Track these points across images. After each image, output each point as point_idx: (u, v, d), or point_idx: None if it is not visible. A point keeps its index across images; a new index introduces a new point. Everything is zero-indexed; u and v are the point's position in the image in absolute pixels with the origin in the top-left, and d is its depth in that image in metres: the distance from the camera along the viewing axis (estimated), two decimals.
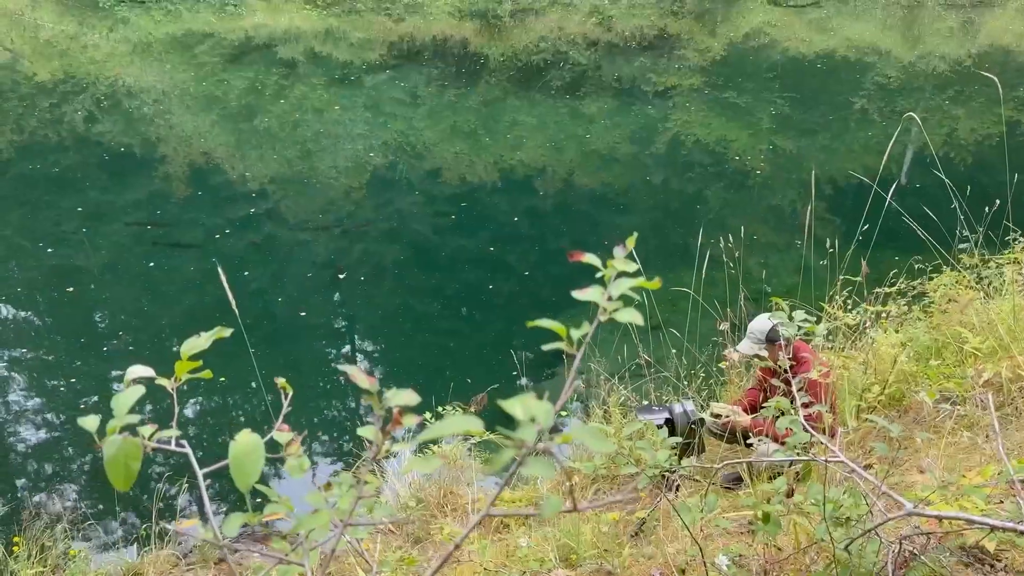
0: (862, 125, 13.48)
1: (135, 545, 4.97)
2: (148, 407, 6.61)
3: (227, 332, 1.32)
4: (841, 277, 5.13)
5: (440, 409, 5.16)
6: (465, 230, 9.94)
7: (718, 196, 10.99)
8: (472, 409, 5.27)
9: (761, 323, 4.12)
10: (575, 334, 1.14)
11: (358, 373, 1.12)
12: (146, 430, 1.17)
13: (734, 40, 18.94)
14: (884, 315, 5.18)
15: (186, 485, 5.59)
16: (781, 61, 17.46)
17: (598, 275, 1.22)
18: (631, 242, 1.20)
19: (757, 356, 4.21)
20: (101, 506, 5.45)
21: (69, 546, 4.67)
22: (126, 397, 1.19)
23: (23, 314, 8.11)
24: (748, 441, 4.19)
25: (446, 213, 10.35)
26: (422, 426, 1.02)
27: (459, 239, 9.71)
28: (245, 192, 10.54)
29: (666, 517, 3.48)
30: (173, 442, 1.22)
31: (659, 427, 3.30)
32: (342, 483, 1.25)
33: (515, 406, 0.96)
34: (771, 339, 4.04)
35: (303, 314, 7.87)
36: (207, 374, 1.31)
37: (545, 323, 1.16)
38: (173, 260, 8.77)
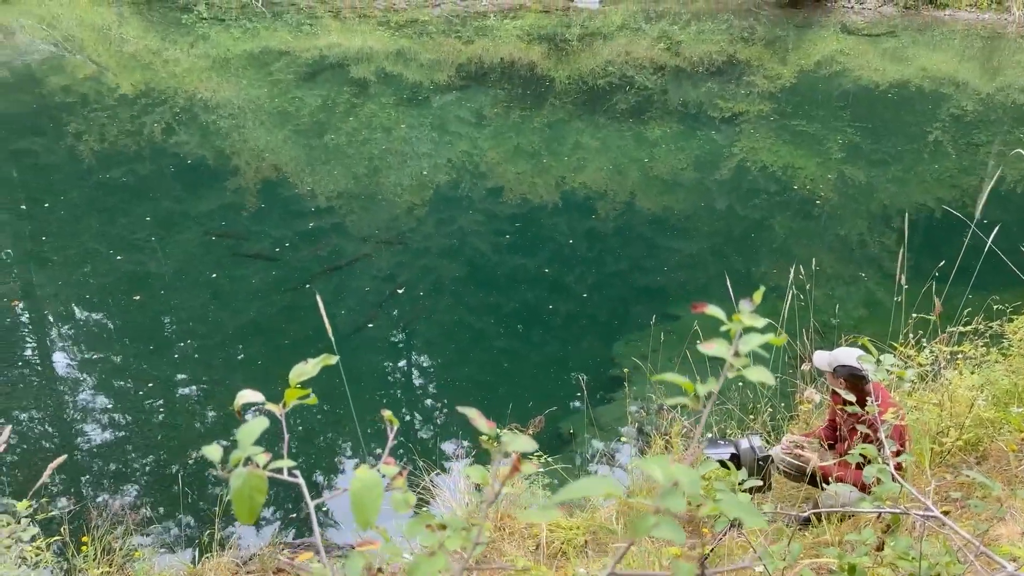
0: (936, 157, 13.12)
1: (195, 550, 5.08)
2: (210, 417, 6.77)
3: (333, 360, 1.33)
4: (915, 315, 4.98)
5: (499, 431, 5.15)
6: (524, 250, 9.98)
7: (783, 224, 10.81)
8: (529, 431, 5.26)
9: (846, 354, 4.02)
10: (701, 390, 1.10)
11: (478, 417, 1.12)
12: (261, 458, 1.17)
13: (805, 67, 18.68)
14: (960, 356, 5.01)
15: (225, 492, 5.69)
16: (853, 90, 17.13)
17: (722, 328, 1.17)
18: (758, 296, 1.16)
19: (824, 373, 4.12)
20: (162, 509, 5.60)
21: (133, 547, 4.78)
22: (251, 428, 1.18)
23: (94, 317, 8.42)
24: (818, 482, 4.09)
25: (506, 232, 10.41)
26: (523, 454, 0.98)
27: (517, 258, 9.75)
28: (312, 206, 10.79)
29: (730, 555, 3.40)
30: (286, 472, 1.22)
31: (725, 464, 3.23)
32: (454, 524, 1.20)
33: (654, 468, 0.93)
34: (850, 374, 3.94)
35: (370, 326, 7.99)
36: (312, 400, 1.32)
37: (671, 377, 1.13)
38: (240, 270, 9.00)
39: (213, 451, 1.16)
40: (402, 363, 7.93)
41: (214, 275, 8.84)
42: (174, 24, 20.44)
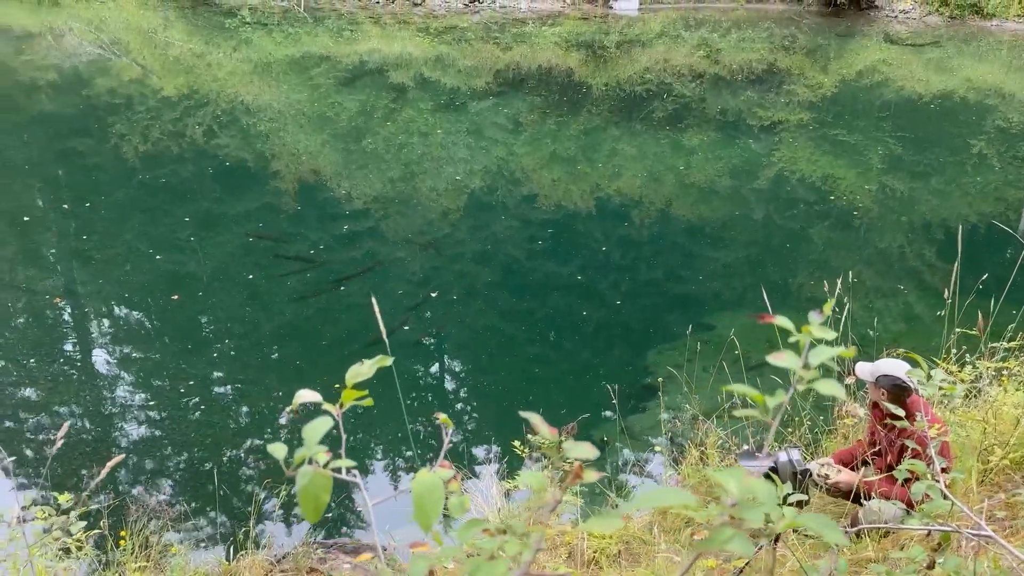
0: (979, 170, 12.86)
1: (229, 546, 5.13)
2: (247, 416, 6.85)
3: (388, 361, 1.33)
4: (958, 330, 4.88)
5: (530, 436, 5.13)
6: (557, 256, 9.97)
7: (821, 235, 10.67)
8: (562, 438, 5.23)
9: (889, 365, 3.95)
10: (771, 402, 1.08)
11: (540, 423, 1.12)
12: (322, 457, 1.17)
13: (847, 77, 18.44)
14: (1005, 373, 4.90)
15: (275, 488, 5.77)
16: (895, 100, 16.87)
17: (791, 339, 1.15)
18: (827, 308, 1.14)
19: (865, 384, 4.06)
20: (197, 505, 5.68)
21: (170, 543, 4.84)
22: (316, 427, 1.19)
23: (134, 315, 8.58)
24: (858, 497, 4.02)
25: (539, 238, 10.41)
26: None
27: (551, 265, 9.75)
28: (348, 209, 10.89)
29: (766, 569, 3.35)
30: (344, 471, 1.23)
31: (763, 476, 3.19)
32: (514, 529, 1.19)
33: (728, 480, 0.92)
34: (893, 385, 3.88)
35: (406, 328, 8.03)
36: (368, 402, 1.33)
37: (740, 388, 1.11)
38: (278, 271, 9.11)
39: (278, 449, 1.17)
40: (434, 367, 7.96)
41: (251, 276, 8.96)
42: (218, 28, 20.79)
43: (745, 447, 4.97)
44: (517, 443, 5.35)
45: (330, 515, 5.71)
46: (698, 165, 12.98)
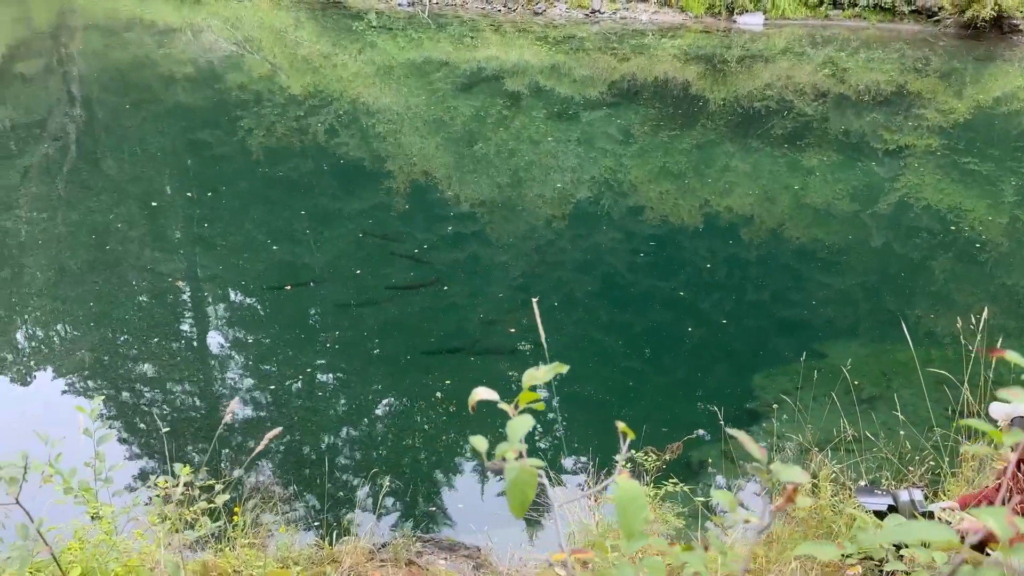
0: None
1: (334, 531, 5.25)
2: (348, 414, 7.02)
3: (564, 368, 1.34)
4: None
5: (634, 453, 5.06)
6: (660, 270, 9.82)
7: (944, 267, 10.11)
8: (666, 456, 5.16)
9: None
10: (1007, 440, 1.04)
11: (748, 441, 1.11)
12: (510, 454, 1.18)
13: (982, 103, 17.43)
14: None
15: (368, 480, 5.90)
16: None
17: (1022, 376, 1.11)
18: None
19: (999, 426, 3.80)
20: (298, 487, 5.86)
21: (278, 523, 5.00)
22: (520, 424, 1.21)
23: (248, 302, 8.97)
24: (986, 549, 3.77)
25: (642, 251, 10.29)
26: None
27: (652, 279, 9.61)
28: (456, 211, 11.06)
29: None
30: (542, 474, 1.25)
31: (880, 514, 3.03)
32: (718, 546, 1.16)
33: (990, 519, 0.87)
34: None
35: (511, 331, 8.10)
36: (540, 406, 1.35)
37: (978, 424, 1.07)
38: (385, 268, 9.34)
39: (479, 442, 1.20)
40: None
41: (359, 271, 9.21)
42: (345, 31, 21.55)
43: (862, 482, 4.73)
44: (621, 459, 5.27)
45: (417, 510, 5.80)
46: (815, 186, 12.54)
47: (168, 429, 6.31)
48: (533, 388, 1.27)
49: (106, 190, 11.37)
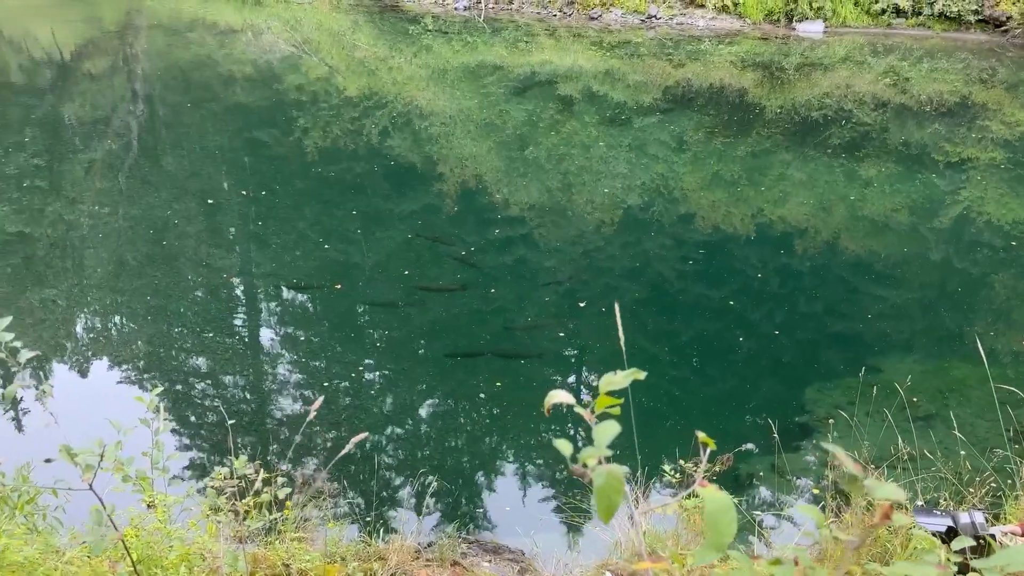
0: None
1: (380, 528, 5.29)
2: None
3: (642, 375, 1.34)
4: None
5: (682, 462, 5.00)
6: (709, 279, 9.70)
7: (1007, 285, 9.80)
8: (716, 468, 5.09)
9: None
10: None
11: (844, 457, 1.09)
12: (591, 460, 1.17)
13: None
14: None
15: (413, 479, 5.94)
16: None
17: None
18: None
19: None
20: (344, 484, 5.92)
21: (327, 518, 5.05)
22: (607, 429, 1.20)
23: (299, 299, 9.10)
24: None
25: (692, 259, 10.18)
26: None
27: (701, 287, 9.50)
28: (505, 215, 11.09)
29: None
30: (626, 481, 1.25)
31: (938, 535, 2.93)
32: (806, 560, 1.14)
33: None
34: None
35: (560, 335, 8.09)
36: (617, 411, 1.35)
37: None
38: (433, 270, 9.40)
39: (564, 446, 1.20)
40: (571, 378, 7.94)
41: (407, 272, 9.29)
42: (401, 34, 21.78)
43: (919, 502, 4.59)
44: (669, 468, 5.22)
45: (462, 510, 5.82)
46: (873, 197, 12.27)
47: (233, 421, 6.42)
48: (611, 393, 1.27)
49: (165, 186, 11.67)
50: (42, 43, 20.03)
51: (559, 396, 1.28)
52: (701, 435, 1.34)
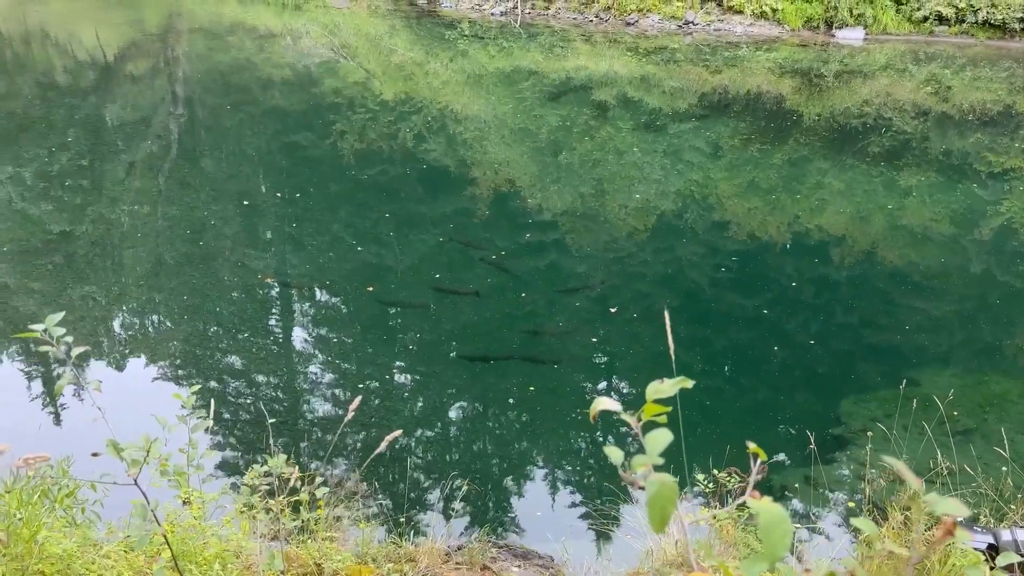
0: None
1: (411, 530, 5.30)
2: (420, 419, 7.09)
3: (690, 383, 1.33)
4: None
5: (716, 472, 4.96)
6: (743, 287, 9.60)
7: None
8: (750, 479, 5.01)
9: None
10: None
11: (904, 470, 1.09)
12: (640, 468, 1.17)
13: None
14: None
15: (442, 482, 5.95)
16: None
17: None
18: None
19: None
20: (373, 486, 5.95)
21: (358, 519, 5.07)
22: (659, 438, 1.20)
23: (332, 300, 9.18)
24: None
25: (725, 267, 10.09)
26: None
27: (734, 295, 9.40)
28: (538, 220, 11.08)
29: None
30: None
31: (981, 552, 2.88)
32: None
33: None
34: None
35: (594, 340, 8.07)
36: (663, 419, 1.35)
37: None
38: (465, 273, 9.43)
39: (615, 453, 1.20)
40: (602, 384, 7.91)
41: (438, 275, 9.32)
42: (438, 39, 21.91)
43: (959, 518, 4.49)
44: (702, 477, 5.17)
45: (490, 514, 5.81)
46: (913, 207, 12.07)
47: (274, 420, 6.49)
48: (658, 401, 1.25)
49: (203, 187, 11.85)
50: (86, 45, 20.47)
51: (606, 403, 1.27)
52: (752, 445, 1.32)
